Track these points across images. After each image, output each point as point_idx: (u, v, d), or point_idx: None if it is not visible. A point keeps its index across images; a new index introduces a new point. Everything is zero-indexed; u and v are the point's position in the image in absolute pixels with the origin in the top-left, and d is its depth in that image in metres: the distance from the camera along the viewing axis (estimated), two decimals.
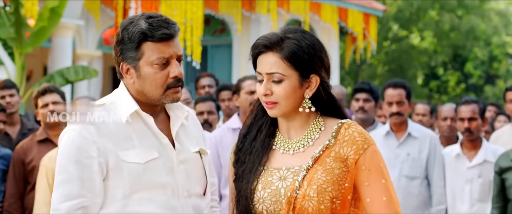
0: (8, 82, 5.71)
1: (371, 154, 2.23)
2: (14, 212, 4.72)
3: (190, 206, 2.40)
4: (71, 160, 2.30)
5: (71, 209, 2.27)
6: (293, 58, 2.22)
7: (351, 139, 2.24)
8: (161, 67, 2.35)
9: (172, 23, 2.38)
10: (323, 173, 2.20)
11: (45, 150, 4.59)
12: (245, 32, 13.77)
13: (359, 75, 22.65)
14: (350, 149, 2.23)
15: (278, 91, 2.23)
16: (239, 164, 2.33)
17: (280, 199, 2.20)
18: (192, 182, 2.43)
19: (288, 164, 2.26)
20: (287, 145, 2.30)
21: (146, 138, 2.37)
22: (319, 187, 2.18)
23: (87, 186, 2.29)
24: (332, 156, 2.23)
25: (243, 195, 2.26)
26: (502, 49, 23.76)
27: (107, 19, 13.49)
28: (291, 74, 2.23)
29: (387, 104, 4.98)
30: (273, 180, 2.24)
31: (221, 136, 4.67)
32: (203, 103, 5.48)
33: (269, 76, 2.24)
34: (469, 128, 4.89)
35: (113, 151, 2.31)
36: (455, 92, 24.38)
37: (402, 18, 22.93)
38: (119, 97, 2.41)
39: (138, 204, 2.31)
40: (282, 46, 2.23)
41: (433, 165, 4.96)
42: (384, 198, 2.21)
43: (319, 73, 2.26)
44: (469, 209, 4.93)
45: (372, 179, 2.22)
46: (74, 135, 2.32)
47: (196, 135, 2.55)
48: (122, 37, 2.38)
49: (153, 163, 2.34)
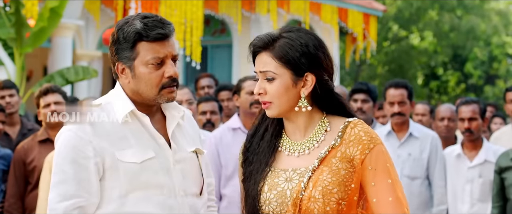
0: (8, 83, 5.71)
1: (377, 153, 2.21)
2: (14, 212, 4.72)
3: (187, 205, 2.40)
4: (67, 160, 2.30)
5: (68, 209, 2.27)
6: (284, 57, 2.22)
7: (357, 139, 2.21)
8: (156, 67, 2.36)
9: (167, 23, 2.38)
10: (329, 174, 2.18)
11: (46, 150, 4.60)
12: (245, 33, 13.76)
13: (359, 75, 22.65)
14: (356, 149, 2.20)
15: (271, 90, 2.23)
16: (247, 164, 2.32)
17: (285, 200, 2.19)
18: (189, 181, 2.43)
19: (294, 165, 2.25)
20: (292, 147, 2.29)
21: (142, 138, 2.37)
22: (324, 189, 2.16)
23: (84, 186, 2.29)
24: (338, 156, 2.21)
25: (250, 195, 2.25)
26: (502, 49, 23.75)
27: (107, 19, 13.49)
28: (283, 73, 2.22)
29: (388, 104, 4.98)
30: (279, 181, 2.23)
31: (221, 136, 4.67)
32: (206, 103, 5.49)
33: (262, 74, 2.25)
34: (470, 128, 4.89)
35: (109, 150, 2.31)
36: (455, 92, 24.37)
37: (402, 18, 22.93)
38: (115, 98, 2.42)
39: (134, 204, 2.31)
40: (274, 45, 2.24)
41: (434, 165, 4.96)
42: (390, 199, 2.18)
43: (315, 72, 2.24)
44: (469, 209, 4.93)
45: (378, 179, 2.19)
46: (70, 135, 2.33)
47: (192, 134, 2.54)
48: (118, 37, 2.38)
49: (149, 162, 2.34)
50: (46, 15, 8.71)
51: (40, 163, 4.57)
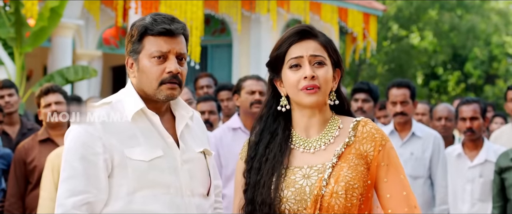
0: (7, 82, 5.71)
1: (389, 150, 2.25)
2: (15, 212, 4.71)
3: (194, 205, 2.41)
4: (77, 156, 2.31)
5: (76, 204, 2.28)
6: (329, 46, 2.28)
7: (369, 136, 2.24)
8: (159, 61, 2.38)
9: (177, 21, 2.41)
10: (349, 170, 2.19)
11: (46, 149, 4.59)
12: (245, 32, 13.75)
13: (359, 75, 22.64)
14: (370, 146, 2.23)
15: (321, 74, 2.23)
16: (253, 171, 2.27)
17: (305, 197, 2.17)
18: (196, 182, 2.44)
19: (310, 162, 2.24)
20: (306, 144, 2.28)
21: (151, 137, 2.38)
22: (347, 184, 2.16)
23: (93, 182, 2.30)
24: (353, 153, 2.22)
25: (263, 202, 2.19)
26: (502, 49, 23.74)
27: (107, 19, 13.49)
28: (328, 62, 2.27)
29: (391, 104, 4.98)
30: (296, 178, 2.21)
31: (221, 136, 4.67)
32: (204, 103, 5.48)
33: (311, 59, 2.24)
34: (471, 127, 4.89)
35: (118, 148, 2.32)
36: (455, 92, 24.35)
37: (402, 18, 22.92)
38: (126, 96, 2.43)
39: (142, 202, 2.31)
40: (318, 35, 2.29)
41: (436, 164, 4.96)
42: (404, 193, 2.21)
43: (341, 69, 2.31)
44: (470, 209, 4.93)
45: (391, 175, 2.22)
46: (80, 131, 2.34)
47: (201, 135, 2.56)
48: (130, 33, 2.43)
49: (157, 161, 2.35)
50: (46, 14, 8.72)
51: (40, 162, 4.57)
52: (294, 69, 2.24)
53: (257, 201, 2.21)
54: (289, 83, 2.25)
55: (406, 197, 2.21)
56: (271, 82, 2.33)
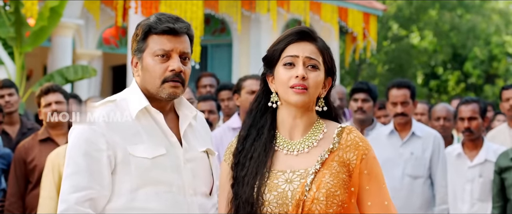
0: (7, 82, 5.71)
1: (372, 159, 2.28)
2: (15, 211, 4.72)
3: (196, 204, 2.42)
4: (80, 152, 2.33)
5: (79, 200, 2.29)
6: (326, 52, 2.30)
7: (353, 144, 2.27)
8: (162, 60, 2.39)
9: (181, 21, 2.43)
10: (330, 177, 2.21)
11: (46, 149, 4.60)
12: (245, 32, 13.74)
13: (359, 74, 22.64)
14: (353, 154, 2.26)
15: (312, 77, 2.26)
16: (240, 167, 2.31)
17: (286, 201, 2.20)
18: (198, 181, 2.45)
19: (293, 166, 2.26)
20: (290, 146, 2.30)
21: (154, 135, 2.39)
22: (328, 191, 2.19)
23: (96, 178, 2.31)
24: (336, 160, 2.25)
25: (246, 200, 2.24)
26: (502, 48, 23.73)
27: (107, 19, 13.49)
28: (322, 68, 2.30)
29: (391, 104, 4.98)
30: (279, 182, 2.24)
31: (222, 136, 4.67)
32: (204, 102, 5.49)
33: (306, 60, 2.27)
34: (469, 127, 4.90)
35: (122, 145, 2.33)
36: (455, 91, 24.35)
37: (402, 18, 22.92)
38: (130, 94, 2.45)
39: (144, 200, 2.33)
40: (317, 39, 2.31)
41: (436, 164, 4.95)
42: (386, 202, 2.26)
43: (332, 78, 2.34)
44: (469, 208, 4.93)
45: (373, 183, 2.26)
46: (84, 128, 2.35)
47: (204, 135, 2.57)
48: (135, 33, 2.45)
49: (160, 159, 2.36)
50: (46, 14, 8.72)
51: (40, 162, 4.58)
52: (288, 67, 2.27)
53: (241, 198, 2.25)
54: (280, 80, 2.28)
55: (387, 206, 2.26)
56: (263, 77, 2.36)
